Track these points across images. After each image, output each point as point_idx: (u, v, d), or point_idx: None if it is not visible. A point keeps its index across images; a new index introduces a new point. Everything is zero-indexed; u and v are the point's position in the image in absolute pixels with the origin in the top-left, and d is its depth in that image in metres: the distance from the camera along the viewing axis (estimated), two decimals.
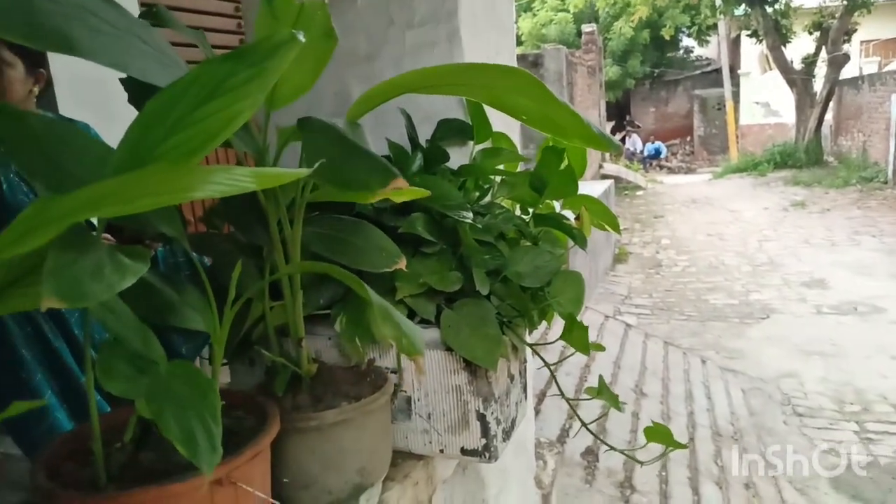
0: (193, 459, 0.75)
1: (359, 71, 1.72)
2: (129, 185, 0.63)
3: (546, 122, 0.99)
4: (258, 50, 0.79)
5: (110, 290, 0.60)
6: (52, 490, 0.90)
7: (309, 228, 1.16)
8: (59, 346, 1.77)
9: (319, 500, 1.19)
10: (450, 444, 1.41)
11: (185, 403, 0.76)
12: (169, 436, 0.74)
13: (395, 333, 0.85)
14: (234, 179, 0.66)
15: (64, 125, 0.80)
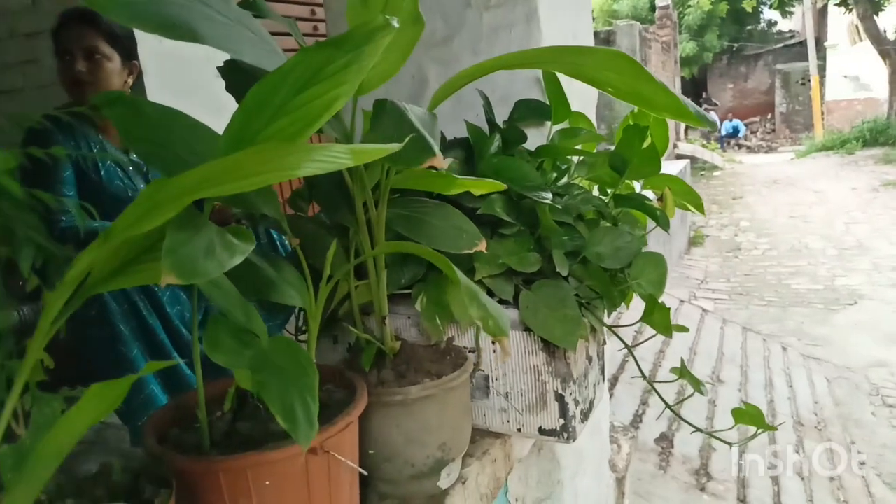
0: (292, 432, 0.79)
1: (435, 54, 1.74)
2: (238, 164, 0.67)
3: (634, 96, 0.97)
4: (354, 36, 0.81)
5: (221, 267, 0.64)
6: (162, 452, 0.97)
7: (392, 210, 1.19)
8: (152, 323, 1.88)
9: (402, 473, 1.23)
10: (527, 424, 1.43)
11: (287, 378, 0.81)
12: (271, 407, 0.79)
13: (482, 314, 0.87)
14: (332, 156, 0.69)
15: (176, 113, 0.85)
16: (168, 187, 0.66)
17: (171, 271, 0.59)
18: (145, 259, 0.73)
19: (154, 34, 0.77)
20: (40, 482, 0.60)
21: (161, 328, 1.89)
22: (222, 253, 0.65)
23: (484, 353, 1.41)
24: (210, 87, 2.35)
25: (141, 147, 0.81)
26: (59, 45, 1.80)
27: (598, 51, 0.95)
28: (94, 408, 0.59)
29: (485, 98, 1.50)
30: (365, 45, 0.81)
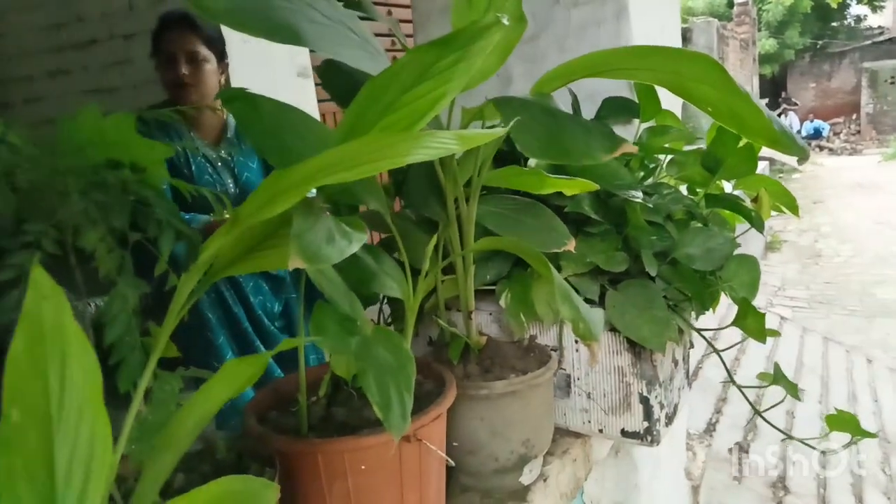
0: (386, 423, 0.82)
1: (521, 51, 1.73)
2: (353, 153, 0.69)
3: (730, 116, 0.94)
4: (462, 35, 0.83)
5: (341, 254, 0.67)
6: (264, 433, 1.02)
7: (482, 207, 1.21)
8: (237, 312, 1.96)
9: (486, 466, 1.25)
10: (609, 425, 1.42)
11: (386, 369, 0.83)
12: (368, 396, 0.82)
13: (574, 316, 0.87)
14: (440, 142, 0.71)
15: (289, 108, 0.89)
16: (289, 176, 0.69)
17: (297, 255, 0.62)
18: (264, 246, 0.77)
19: (259, 38, 0.81)
20: (179, 452, 0.65)
21: (245, 317, 1.97)
22: (341, 240, 0.68)
23: (566, 351, 1.41)
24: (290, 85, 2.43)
25: (257, 139, 0.85)
26: (160, 47, 1.89)
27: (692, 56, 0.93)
28: (231, 383, 0.63)
29: (573, 95, 1.49)
30: (473, 44, 0.83)
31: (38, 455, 0.48)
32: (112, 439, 0.50)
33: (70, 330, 0.48)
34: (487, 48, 0.83)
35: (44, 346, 0.48)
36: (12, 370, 0.47)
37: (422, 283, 0.99)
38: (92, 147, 0.64)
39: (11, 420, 0.46)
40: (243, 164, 2.01)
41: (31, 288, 0.48)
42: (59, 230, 0.66)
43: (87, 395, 0.49)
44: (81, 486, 0.49)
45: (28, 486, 0.47)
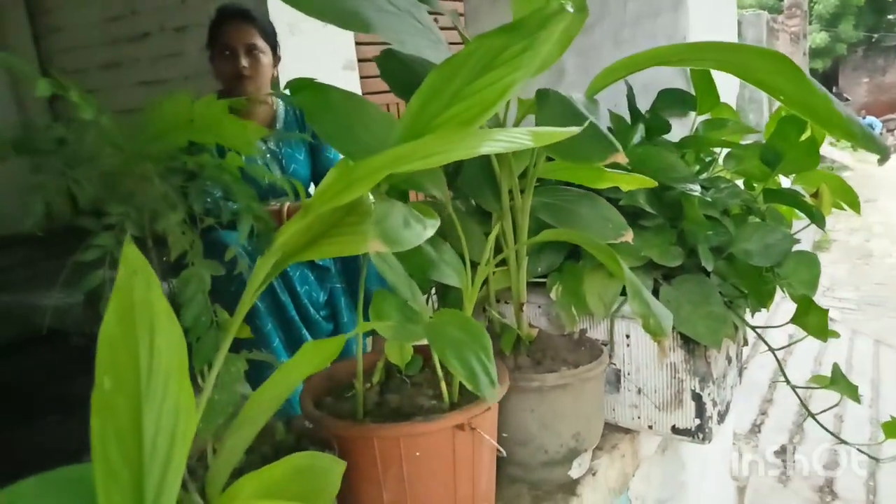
0: (475, 391, 0.83)
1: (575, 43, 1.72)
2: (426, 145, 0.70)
3: (804, 108, 0.92)
4: (530, 22, 0.83)
5: (419, 238, 0.68)
6: (322, 418, 1.04)
7: (537, 198, 1.20)
8: (285, 300, 2.00)
9: (535, 458, 1.25)
10: (660, 421, 1.40)
11: (462, 344, 0.84)
12: (453, 372, 0.83)
13: (644, 311, 0.86)
14: (513, 137, 0.71)
15: (356, 98, 0.90)
16: (362, 166, 0.70)
17: (377, 238, 0.63)
18: (332, 234, 0.78)
19: (332, 24, 0.82)
20: (255, 429, 0.66)
21: (292, 306, 2.00)
22: (416, 225, 0.69)
23: (617, 346, 1.40)
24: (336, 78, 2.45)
25: (324, 128, 0.86)
26: (218, 40, 1.92)
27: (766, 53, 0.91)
28: (308, 362, 0.65)
29: (629, 87, 1.47)
30: (540, 31, 0.82)
31: (127, 421, 0.50)
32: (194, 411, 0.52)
33: (158, 304, 0.50)
34: (553, 36, 0.82)
35: (134, 318, 0.50)
36: (104, 341, 0.49)
37: (481, 272, 0.99)
38: (177, 131, 0.66)
39: (104, 388, 0.48)
40: (290, 156, 2.04)
41: (122, 264, 0.50)
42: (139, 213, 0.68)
43: (173, 366, 0.50)
44: (166, 452, 0.51)
45: (118, 450, 0.49)
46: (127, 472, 0.49)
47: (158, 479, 0.51)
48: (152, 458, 0.51)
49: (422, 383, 1.16)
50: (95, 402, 0.48)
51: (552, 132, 0.72)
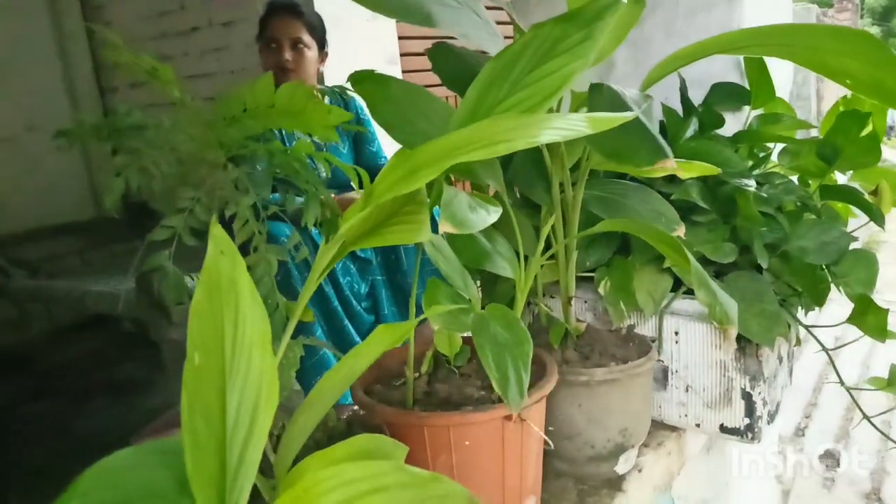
0: (504, 397, 0.83)
1: None
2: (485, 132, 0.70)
3: (874, 88, 0.89)
4: (587, 12, 0.82)
5: (484, 222, 0.68)
6: (373, 405, 1.05)
7: (588, 191, 1.19)
8: (328, 291, 2.02)
9: (582, 452, 1.24)
10: (707, 420, 1.38)
11: (503, 345, 0.84)
12: (486, 370, 0.83)
13: (711, 300, 0.85)
14: (570, 124, 0.71)
15: (417, 88, 0.91)
16: (423, 154, 0.71)
17: (447, 221, 0.64)
18: (390, 223, 0.79)
19: (393, 18, 0.83)
20: (324, 410, 0.68)
21: (335, 297, 2.03)
22: (481, 210, 0.69)
23: (665, 343, 1.38)
24: None
25: (384, 118, 0.87)
26: (265, 33, 1.95)
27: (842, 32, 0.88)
28: (379, 345, 0.66)
29: (682, 80, 1.45)
30: (597, 21, 0.82)
31: (213, 395, 0.51)
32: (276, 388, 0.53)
33: (243, 282, 0.52)
34: (609, 26, 0.82)
35: (220, 296, 0.51)
36: (195, 318, 0.51)
37: (534, 264, 0.99)
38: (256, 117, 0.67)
39: (194, 363, 0.50)
40: (333, 149, 2.06)
41: (210, 243, 0.51)
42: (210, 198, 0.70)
43: (255, 341, 0.52)
44: (248, 426, 0.53)
45: (204, 422, 0.51)
46: (212, 443, 0.51)
47: (240, 451, 0.52)
48: (235, 431, 0.52)
49: (470, 374, 1.16)
50: (186, 376, 0.50)
51: (609, 118, 0.71)
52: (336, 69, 2.43)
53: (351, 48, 2.51)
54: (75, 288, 1.96)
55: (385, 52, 2.88)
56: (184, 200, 0.68)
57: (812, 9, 9.18)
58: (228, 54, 2.85)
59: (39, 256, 2.60)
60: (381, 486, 0.54)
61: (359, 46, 2.67)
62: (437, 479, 0.54)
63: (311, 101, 0.66)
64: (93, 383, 2.34)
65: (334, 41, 2.04)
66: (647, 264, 1.31)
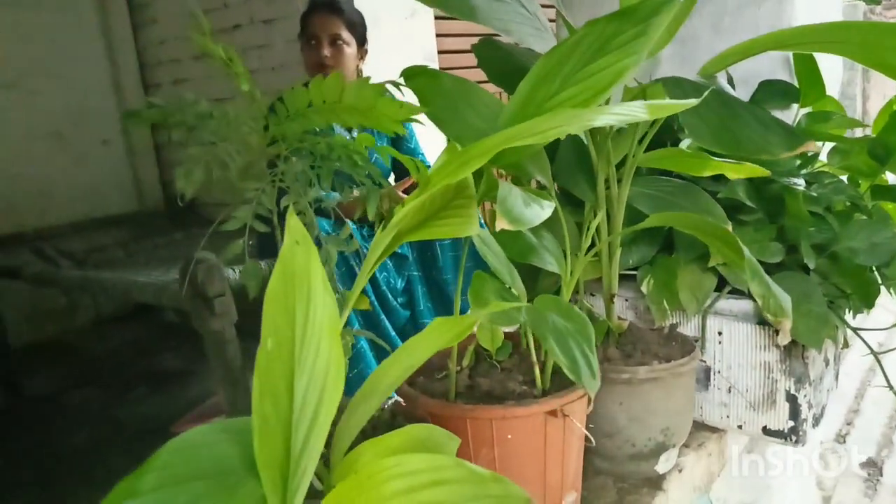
0: (577, 380, 0.83)
1: None
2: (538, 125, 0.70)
3: None
4: (642, 9, 0.82)
5: (538, 217, 0.69)
6: (416, 396, 1.06)
7: (634, 188, 1.19)
8: (366, 287, 2.05)
9: (622, 450, 1.24)
10: (750, 421, 1.37)
11: (565, 333, 0.85)
12: (554, 359, 0.83)
13: (764, 291, 0.84)
14: (629, 110, 0.71)
15: (467, 83, 0.92)
16: (475, 147, 0.72)
17: (502, 216, 0.65)
18: (441, 216, 0.80)
19: (433, 8, 0.83)
20: (380, 401, 0.69)
21: (372, 292, 2.05)
22: (535, 205, 0.70)
23: (708, 343, 1.37)
24: None
25: (436, 112, 0.88)
26: (306, 30, 1.98)
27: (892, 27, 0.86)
28: (438, 338, 0.67)
29: (729, 77, 1.43)
30: (653, 17, 0.82)
31: (282, 380, 0.53)
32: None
33: (315, 272, 0.53)
34: (665, 22, 0.82)
35: (294, 284, 0.53)
36: (269, 304, 0.52)
37: (580, 260, 0.99)
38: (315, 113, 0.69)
39: (267, 348, 0.52)
40: None
41: (287, 233, 0.53)
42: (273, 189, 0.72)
43: (325, 330, 0.53)
44: (313, 412, 0.54)
45: (272, 405, 0.53)
46: (278, 426, 0.53)
47: (305, 435, 0.54)
48: (301, 415, 0.54)
49: (511, 368, 1.17)
50: (259, 360, 0.51)
51: (669, 104, 0.71)
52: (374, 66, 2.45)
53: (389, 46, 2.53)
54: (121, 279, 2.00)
55: (423, 49, 2.90)
56: (250, 191, 0.69)
57: (859, 6, 8.92)
58: (270, 51, 2.89)
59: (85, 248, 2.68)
60: (441, 480, 0.55)
61: (397, 44, 2.69)
62: (497, 479, 0.54)
63: (379, 96, 0.67)
64: (135, 372, 2.40)
65: (372, 38, 2.06)
66: (691, 263, 1.30)
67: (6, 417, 2.04)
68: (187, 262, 1.54)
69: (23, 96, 2.82)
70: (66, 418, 2.02)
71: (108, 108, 3.16)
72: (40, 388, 2.22)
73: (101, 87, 3.15)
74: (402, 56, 2.62)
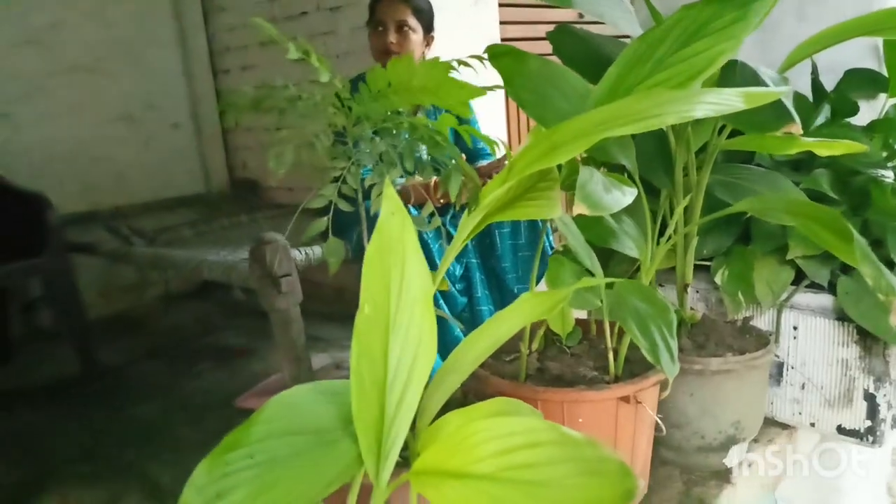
0: (657, 364, 0.83)
1: None
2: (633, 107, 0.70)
3: None
4: None
5: (618, 203, 0.69)
6: (487, 376, 1.08)
7: (713, 175, 1.17)
8: None
9: (690, 442, 1.22)
10: (824, 420, 1.33)
11: (646, 316, 0.84)
12: (635, 341, 0.83)
13: (875, 273, 0.82)
14: (724, 99, 0.70)
15: (554, 65, 0.92)
16: (564, 131, 0.72)
17: (582, 202, 0.65)
18: (524, 198, 0.81)
19: None
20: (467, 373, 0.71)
21: None
22: (615, 191, 0.70)
23: (783, 337, 1.34)
24: None
25: (520, 94, 0.89)
26: (374, 16, 2.01)
27: None
28: (525, 314, 0.68)
29: (813, 65, 1.39)
30: (754, 3, 0.80)
31: (378, 344, 0.55)
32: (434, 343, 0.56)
33: (410, 241, 0.55)
34: (767, 8, 0.80)
35: (390, 253, 0.55)
36: (367, 271, 0.54)
37: (663, 246, 0.98)
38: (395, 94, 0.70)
39: (364, 313, 0.54)
40: None
41: (384, 204, 0.55)
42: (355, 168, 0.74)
43: (418, 298, 0.55)
44: (406, 376, 0.56)
45: (368, 367, 0.55)
46: (374, 389, 0.55)
47: (398, 398, 0.56)
48: (394, 379, 0.56)
49: (581, 354, 1.17)
50: (357, 324, 0.53)
51: (765, 93, 0.70)
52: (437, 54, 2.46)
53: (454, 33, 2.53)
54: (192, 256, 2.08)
55: (487, 37, 2.89)
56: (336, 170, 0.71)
57: None
58: (335, 38, 2.93)
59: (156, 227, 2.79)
60: (534, 442, 0.56)
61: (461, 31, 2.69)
62: (591, 444, 0.55)
63: (448, 77, 0.69)
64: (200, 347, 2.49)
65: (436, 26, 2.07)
66: (769, 255, 1.27)
67: (82, 385, 2.15)
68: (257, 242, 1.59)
69: (101, 80, 2.95)
70: (136, 389, 2.12)
71: (179, 92, 3.27)
72: (112, 360, 2.33)
73: (172, 72, 3.25)
74: (465, 42, 2.62)
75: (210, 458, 0.53)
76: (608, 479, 0.52)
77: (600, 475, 0.53)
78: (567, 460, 0.54)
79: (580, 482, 0.53)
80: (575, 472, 0.54)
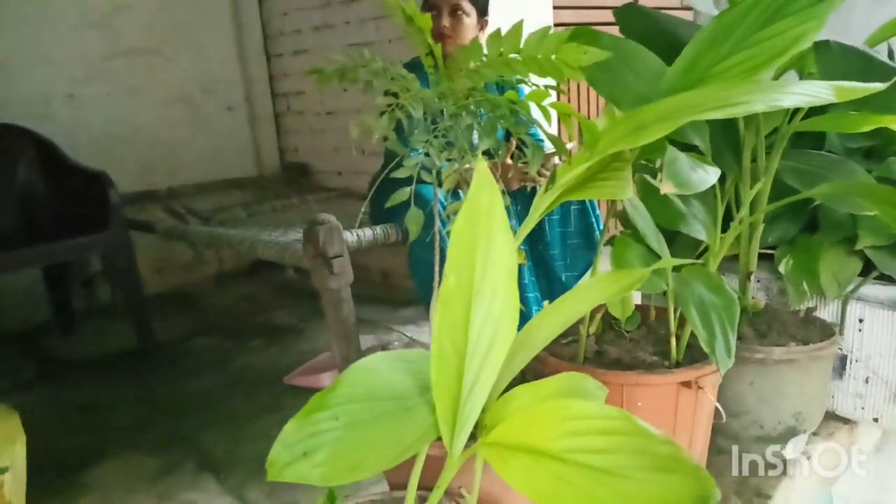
0: (711, 355, 0.82)
1: None
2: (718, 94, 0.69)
3: None
4: None
5: (704, 183, 0.68)
6: (546, 357, 1.08)
7: (783, 161, 1.14)
8: None
9: (748, 431, 1.21)
10: (888, 415, 1.30)
11: (709, 305, 0.84)
12: (693, 329, 0.83)
13: None
14: (812, 91, 0.68)
15: (627, 43, 0.91)
16: (649, 112, 0.71)
17: (669, 180, 0.64)
18: (598, 178, 0.81)
19: None
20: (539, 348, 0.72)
21: None
22: (700, 170, 0.69)
23: (847, 330, 1.30)
24: None
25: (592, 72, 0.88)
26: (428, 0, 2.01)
27: None
28: (603, 289, 0.68)
29: (890, 50, 1.34)
30: None
31: (460, 315, 0.56)
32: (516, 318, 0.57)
33: (498, 215, 0.55)
34: None
35: (478, 226, 0.55)
36: (455, 243, 0.55)
37: (731, 231, 0.97)
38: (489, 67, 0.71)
39: (449, 283, 0.55)
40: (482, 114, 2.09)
41: (475, 178, 0.55)
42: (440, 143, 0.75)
43: (503, 271, 0.56)
44: (486, 349, 0.57)
45: (450, 337, 0.56)
46: (454, 358, 0.56)
47: (477, 370, 0.57)
48: (474, 351, 0.57)
49: (639, 339, 1.16)
50: (442, 294, 0.55)
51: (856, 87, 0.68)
52: None
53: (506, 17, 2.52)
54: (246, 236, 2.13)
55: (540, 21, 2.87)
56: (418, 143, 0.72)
57: None
58: (386, 23, 2.94)
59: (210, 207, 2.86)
60: (610, 429, 0.56)
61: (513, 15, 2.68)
62: (667, 442, 0.55)
63: (562, 45, 0.69)
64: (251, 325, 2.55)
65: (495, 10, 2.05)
66: (836, 245, 1.24)
67: (139, 358, 2.23)
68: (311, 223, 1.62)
69: (163, 62, 3.03)
70: (190, 363, 2.19)
71: (234, 76, 3.34)
72: (167, 335, 2.41)
73: (228, 56, 3.32)
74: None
75: (299, 417, 0.55)
76: (686, 479, 0.52)
77: (677, 474, 0.53)
78: (640, 453, 0.55)
79: (655, 478, 0.53)
80: (648, 467, 0.54)
